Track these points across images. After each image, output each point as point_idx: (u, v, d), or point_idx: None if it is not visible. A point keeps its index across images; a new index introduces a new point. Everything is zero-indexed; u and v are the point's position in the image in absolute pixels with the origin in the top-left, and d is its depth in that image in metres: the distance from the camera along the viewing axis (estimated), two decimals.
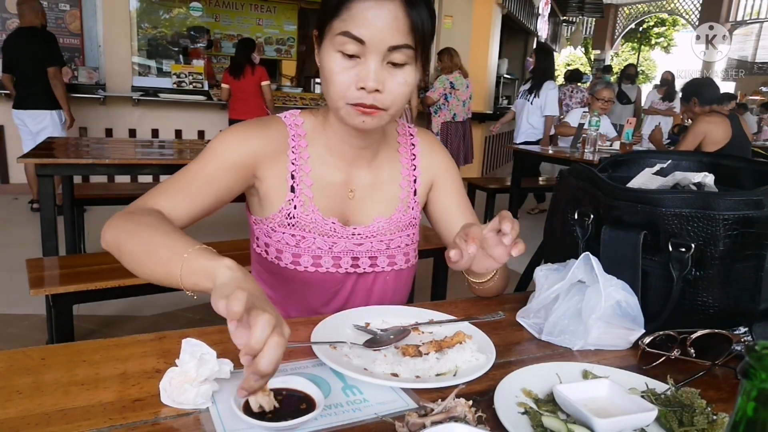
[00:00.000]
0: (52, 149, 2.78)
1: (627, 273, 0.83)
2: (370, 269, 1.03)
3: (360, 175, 1.03)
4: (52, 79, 4.21)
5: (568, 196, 0.98)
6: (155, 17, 7.91)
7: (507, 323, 0.90)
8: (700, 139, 3.83)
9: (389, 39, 0.84)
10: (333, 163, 1.01)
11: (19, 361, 0.69)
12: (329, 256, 1.00)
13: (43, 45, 4.20)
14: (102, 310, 2.85)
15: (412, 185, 1.08)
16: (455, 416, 0.58)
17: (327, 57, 0.87)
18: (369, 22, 0.83)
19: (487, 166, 8.38)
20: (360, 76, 0.85)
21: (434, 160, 1.11)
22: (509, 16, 8.35)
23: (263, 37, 8.51)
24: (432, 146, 1.12)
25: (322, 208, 0.99)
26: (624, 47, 21.31)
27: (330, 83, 0.88)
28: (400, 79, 0.87)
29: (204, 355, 0.63)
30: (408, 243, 1.07)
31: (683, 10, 17.01)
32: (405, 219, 1.06)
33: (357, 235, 1.01)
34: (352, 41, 0.83)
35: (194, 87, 6.14)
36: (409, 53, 0.86)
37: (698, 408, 0.62)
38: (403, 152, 1.09)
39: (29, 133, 4.42)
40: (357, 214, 1.03)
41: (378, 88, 0.85)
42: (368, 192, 1.04)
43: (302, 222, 0.98)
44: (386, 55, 0.85)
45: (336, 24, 0.85)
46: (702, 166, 1.04)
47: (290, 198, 0.98)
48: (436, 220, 1.13)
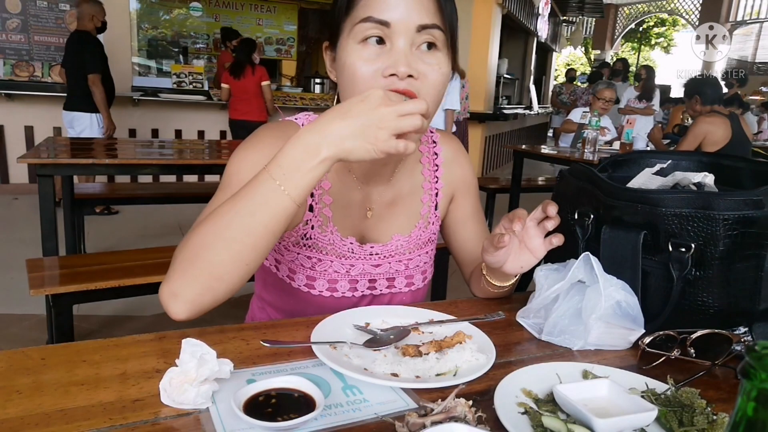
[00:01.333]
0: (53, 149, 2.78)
1: (627, 273, 0.83)
2: (387, 291, 0.98)
3: (378, 192, 0.95)
4: (91, 86, 4.31)
5: (568, 196, 0.98)
6: (155, 17, 7.91)
7: (507, 323, 0.90)
8: (700, 140, 3.83)
9: (416, 17, 0.75)
10: (350, 179, 0.93)
11: (19, 361, 0.69)
12: (345, 280, 0.94)
13: (86, 51, 4.29)
14: (102, 310, 2.85)
15: (433, 199, 1.00)
16: (455, 416, 0.58)
17: (347, 52, 0.78)
18: (392, 3, 0.75)
19: (487, 166, 8.39)
20: (388, 63, 0.75)
21: (457, 172, 1.03)
22: (509, 16, 8.35)
23: (263, 37, 8.51)
24: (456, 155, 1.04)
25: (341, 228, 0.92)
26: (624, 47, 21.31)
27: (354, 78, 0.77)
28: (433, 63, 0.78)
29: (204, 355, 0.63)
30: (426, 261, 1.02)
31: (683, 10, 17.02)
32: (425, 236, 1.00)
33: (374, 255, 0.95)
34: (376, 26, 0.75)
35: (194, 87, 6.14)
36: (439, 35, 0.77)
37: (698, 408, 0.62)
38: (426, 162, 1.01)
39: (74, 134, 4.50)
40: (374, 231, 0.96)
41: (411, 73, 0.75)
42: (387, 210, 0.96)
43: (320, 244, 0.91)
44: (415, 38, 0.76)
45: (354, 14, 0.77)
46: (702, 166, 1.04)
47: (308, 218, 0.90)
48: (449, 232, 1.07)
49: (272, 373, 0.70)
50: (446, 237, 1.09)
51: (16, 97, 5.30)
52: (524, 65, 12.16)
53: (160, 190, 4.05)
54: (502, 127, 8.85)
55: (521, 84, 12.04)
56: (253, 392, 0.61)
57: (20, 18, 5.34)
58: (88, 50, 4.28)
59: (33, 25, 5.40)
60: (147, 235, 4.36)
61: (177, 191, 3.95)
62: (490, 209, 4.68)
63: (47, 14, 5.43)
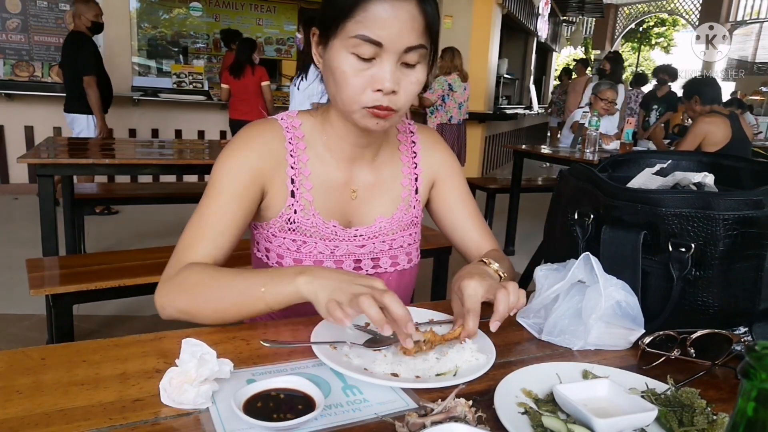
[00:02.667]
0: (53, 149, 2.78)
1: (627, 273, 0.83)
2: (372, 270, 1.03)
3: (362, 175, 1.02)
4: (86, 88, 4.29)
5: (568, 196, 0.98)
6: (155, 17, 7.91)
7: (507, 323, 0.90)
8: (700, 140, 3.82)
9: (406, 40, 0.82)
10: (333, 164, 0.99)
11: (19, 361, 0.69)
12: (331, 260, 0.99)
13: (80, 52, 4.26)
14: (102, 310, 2.85)
15: (413, 183, 1.07)
16: (455, 416, 0.58)
17: (338, 59, 0.84)
18: (386, 24, 0.80)
19: (487, 166, 8.38)
20: (376, 78, 0.83)
21: (435, 157, 1.09)
22: (509, 16, 8.34)
23: (263, 37, 8.51)
24: (433, 143, 1.11)
25: (323, 212, 0.98)
26: (624, 47, 21.31)
27: (343, 87, 0.85)
28: (413, 79, 0.86)
29: (204, 355, 0.63)
30: (410, 242, 1.07)
31: (683, 10, 17.03)
32: (407, 218, 1.05)
33: (359, 237, 1.00)
34: (369, 44, 0.81)
35: (194, 87, 6.14)
36: (422, 53, 0.85)
37: (698, 408, 0.62)
38: (404, 150, 1.07)
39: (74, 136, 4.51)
40: (359, 214, 1.02)
41: (395, 89, 0.84)
42: (370, 192, 1.02)
43: (303, 227, 0.97)
44: (401, 56, 0.83)
45: (350, 26, 0.82)
46: (702, 166, 1.04)
47: (290, 203, 0.96)
48: (440, 218, 1.12)
49: (272, 373, 0.70)
50: (438, 223, 1.14)
51: (16, 97, 5.30)
52: (524, 65, 12.16)
53: (160, 190, 4.05)
54: (502, 127, 8.84)
55: (521, 84, 12.03)
56: (253, 392, 0.61)
57: (20, 18, 5.34)
58: (82, 52, 4.25)
59: (33, 25, 5.40)
60: (147, 235, 4.36)
61: (177, 191, 3.94)
62: (490, 209, 4.68)
63: (47, 14, 5.43)
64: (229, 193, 0.92)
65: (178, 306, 0.84)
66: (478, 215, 1.11)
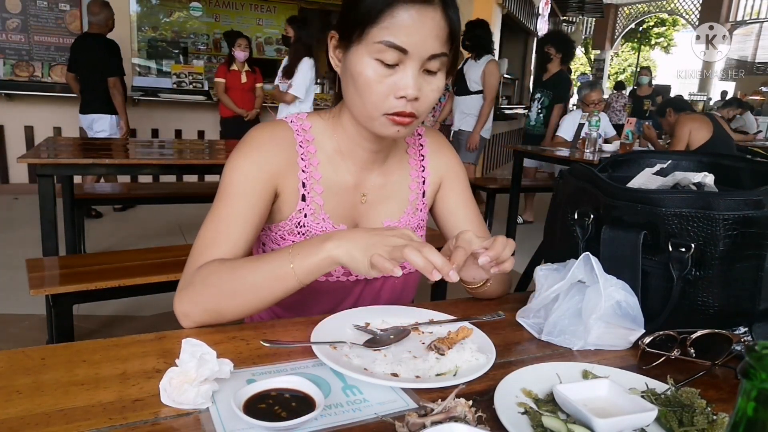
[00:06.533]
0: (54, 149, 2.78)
1: (627, 273, 0.83)
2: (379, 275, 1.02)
3: (371, 179, 1.01)
4: (111, 89, 4.37)
5: (568, 196, 0.98)
6: (155, 18, 7.91)
7: (507, 323, 0.90)
8: (686, 138, 3.99)
9: (431, 47, 0.82)
10: (344, 167, 0.98)
11: (19, 361, 0.69)
12: None
13: (106, 54, 4.33)
14: (102, 310, 2.85)
15: (421, 187, 1.06)
16: (455, 416, 0.58)
17: (361, 64, 0.83)
18: (412, 30, 0.80)
19: (487, 166, 8.38)
20: (399, 85, 0.83)
21: (442, 161, 1.09)
22: (509, 16, 8.35)
23: (263, 37, 8.50)
24: (440, 146, 1.10)
25: (333, 216, 0.97)
26: (624, 47, 21.32)
27: (366, 93, 0.84)
28: (434, 86, 0.86)
29: (204, 355, 0.63)
30: None
31: (683, 10, 17.03)
32: (413, 221, 1.05)
33: None
34: (394, 50, 0.81)
35: (194, 87, 6.14)
36: (444, 60, 0.85)
37: (698, 408, 0.62)
38: (412, 153, 1.07)
39: (92, 135, 4.54)
40: (367, 217, 1.02)
41: (417, 96, 0.83)
42: (379, 195, 1.02)
43: (312, 230, 0.96)
44: (424, 63, 0.83)
45: (375, 31, 0.81)
46: (702, 166, 1.04)
47: (301, 207, 0.95)
48: (442, 221, 1.12)
49: (272, 373, 0.70)
50: (440, 226, 1.14)
51: (16, 97, 5.30)
52: (524, 65, 12.16)
53: (160, 190, 4.05)
54: (501, 127, 8.84)
55: (521, 84, 12.03)
56: (253, 392, 0.61)
57: (20, 18, 5.34)
58: (113, 54, 4.36)
59: (33, 25, 5.40)
60: (147, 235, 4.36)
61: (177, 191, 3.94)
62: (490, 209, 4.68)
63: (47, 14, 5.42)
64: (244, 195, 0.90)
65: (205, 305, 0.82)
66: (479, 220, 1.11)
